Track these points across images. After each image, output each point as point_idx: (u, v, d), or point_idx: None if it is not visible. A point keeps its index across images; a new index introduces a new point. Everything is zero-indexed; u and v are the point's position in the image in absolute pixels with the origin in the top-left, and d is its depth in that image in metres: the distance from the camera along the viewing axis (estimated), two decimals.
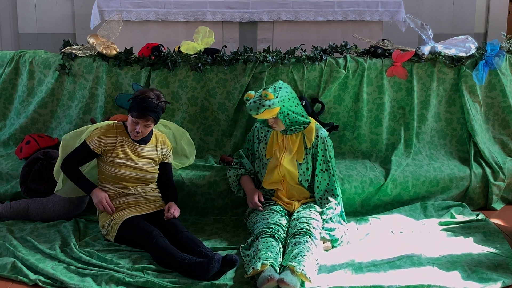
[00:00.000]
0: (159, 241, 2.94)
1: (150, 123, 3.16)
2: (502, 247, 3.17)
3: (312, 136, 3.32)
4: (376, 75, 3.96)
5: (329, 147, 3.34)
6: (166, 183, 3.36)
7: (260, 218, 3.17)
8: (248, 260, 2.90)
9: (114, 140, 3.20)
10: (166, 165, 3.36)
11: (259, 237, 2.98)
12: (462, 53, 4.00)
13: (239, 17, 4.93)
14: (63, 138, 3.31)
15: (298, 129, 3.30)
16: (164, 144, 3.34)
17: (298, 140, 3.33)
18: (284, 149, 3.33)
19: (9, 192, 3.68)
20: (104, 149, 3.18)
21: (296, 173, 3.30)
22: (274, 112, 3.18)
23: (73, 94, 3.93)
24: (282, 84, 3.27)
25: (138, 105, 3.11)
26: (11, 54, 4.04)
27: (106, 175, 3.21)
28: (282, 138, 3.34)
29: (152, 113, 3.13)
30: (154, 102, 3.13)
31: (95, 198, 3.14)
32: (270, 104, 3.15)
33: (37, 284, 2.78)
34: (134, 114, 3.12)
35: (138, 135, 3.17)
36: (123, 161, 3.18)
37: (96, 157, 3.23)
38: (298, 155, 3.32)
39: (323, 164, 3.33)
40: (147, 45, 3.95)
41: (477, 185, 3.83)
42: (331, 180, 3.34)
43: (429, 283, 2.74)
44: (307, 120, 3.32)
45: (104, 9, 4.78)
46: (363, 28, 5.07)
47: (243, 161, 3.47)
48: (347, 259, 3.01)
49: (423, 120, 4.03)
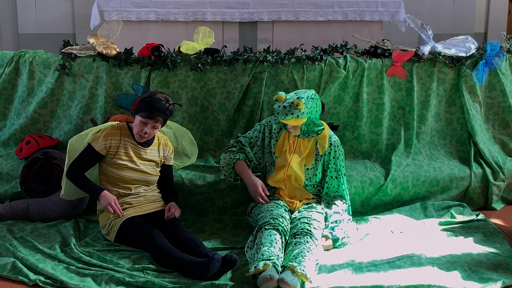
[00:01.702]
0: (159, 241, 2.94)
1: (159, 124, 3.16)
2: (502, 247, 3.17)
3: (325, 144, 3.31)
4: (376, 75, 3.96)
5: (341, 156, 3.35)
6: (167, 185, 3.36)
7: (264, 209, 3.17)
8: (252, 254, 2.90)
9: (118, 141, 3.20)
10: (167, 167, 3.36)
11: (262, 228, 2.98)
12: (462, 53, 4.00)
13: (239, 17, 4.93)
14: (69, 143, 3.30)
15: (312, 134, 3.30)
16: (166, 146, 3.35)
17: (310, 145, 3.32)
18: (294, 150, 3.32)
19: (9, 192, 3.68)
20: (109, 150, 3.17)
21: (302, 177, 3.29)
22: (300, 122, 3.18)
23: (73, 94, 3.93)
24: (314, 95, 3.25)
25: (148, 105, 3.10)
26: (11, 54, 4.03)
27: (107, 176, 3.20)
28: (293, 139, 3.33)
29: (162, 114, 3.12)
30: (164, 104, 3.13)
31: (103, 201, 3.11)
32: (299, 114, 3.14)
33: (37, 284, 2.78)
34: (143, 115, 3.10)
35: (145, 136, 3.15)
36: (126, 163, 3.18)
37: (101, 159, 3.21)
38: (307, 159, 3.31)
39: (333, 171, 3.34)
40: (147, 45, 3.95)
41: (477, 185, 3.83)
42: (340, 187, 3.35)
43: (429, 283, 2.74)
44: (322, 126, 3.32)
45: (104, 9, 4.78)
46: (363, 28, 5.07)
47: (246, 150, 3.39)
48: (347, 259, 3.01)
49: (423, 120, 4.03)
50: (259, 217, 3.14)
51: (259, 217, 3.14)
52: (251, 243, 2.99)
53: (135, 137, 3.22)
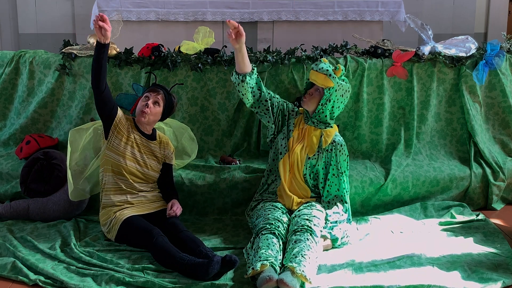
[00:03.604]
0: (159, 240, 2.94)
1: (160, 99, 3.24)
2: (502, 247, 3.17)
3: (329, 139, 3.34)
4: (376, 75, 3.96)
5: (343, 155, 3.37)
6: (167, 184, 3.37)
7: (261, 213, 3.18)
8: (250, 258, 2.91)
9: (128, 128, 3.26)
10: (168, 166, 3.38)
11: (259, 234, 2.99)
12: (462, 53, 4.00)
13: (239, 17, 4.93)
14: (70, 133, 3.33)
15: (319, 125, 3.33)
16: (167, 145, 3.37)
17: (315, 135, 3.35)
18: (301, 138, 3.35)
19: (9, 192, 3.68)
20: (121, 128, 3.21)
21: (301, 166, 3.32)
22: (327, 82, 3.25)
23: (73, 94, 3.93)
24: (348, 82, 3.35)
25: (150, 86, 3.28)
26: (11, 54, 4.04)
27: (111, 164, 3.21)
28: (302, 126, 3.36)
29: (163, 89, 3.27)
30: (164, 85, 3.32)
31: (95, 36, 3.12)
32: (332, 75, 3.23)
33: (37, 284, 2.78)
34: (145, 91, 3.27)
35: (146, 112, 3.20)
36: (130, 150, 3.21)
37: (110, 120, 3.19)
38: (310, 149, 3.33)
39: (335, 169, 3.35)
40: (147, 45, 3.95)
41: (477, 185, 3.83)
42: (341, 186, 3.35)
43: (429, 283, 2.74)
44: (332, 123, 3.38)
45: (104, 9, 4.78)
46: (363, 28, 5.07)
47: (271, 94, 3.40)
48: (347, 259, 3.02)
49: (423, 120, 4.04)
50: (257, 221, 3.15)
51: (256, 222, 3.15)
52: (250, 250, 3.00)
53: (139, 128, 3.28)
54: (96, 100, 3.17)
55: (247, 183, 3.59)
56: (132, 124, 3.30)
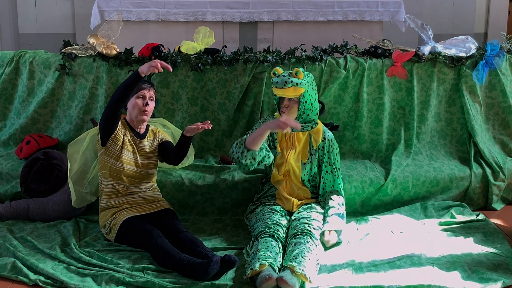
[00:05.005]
0: (159, 241, 2.94)
1: (152, 92, 3.28)
2: (502, 247, 3.17)
3: (319, 138, 3.33)
4: (376, 75, 3.96)
5: (334, 150, 3.36)
6: (175, 148, 3.32)
7: (260, 217, 3.17)
8: (249, 261, 2.90)
9: (123, 130, 3.26)
10: (167, 142, 3.36)
11: (258, 237, 2.99)
12: (462, 53, 4.00)
13: (239, 17, 4.93)
14: (68, 148, 3.35)
15: (306, 127, 3.31)
16: (158, 133, 3.40)
17: (304, 139, 3.34)
18: (291, 146, 3.34)
19: (9, 192, 3.68)
20: (119, 133, 3.21)
21: (299, 172, 3.31)
22: (299, 91, 3.19)
23: (73, 94, 3.93)
24: (309, 74, 3.31)
25: None
26: (11, 54, 4.04)
27: (108, 169, 3.21)
28: (289, 135, 3.34)
29: (148, 83, 3.29)
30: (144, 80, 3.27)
31: (144, 67, 3.07)
32: (298, 82, 3.16)
33: (37, 284, 2.78)
34: (136, 91, 3.22)
35: (147, 110, 3.22)
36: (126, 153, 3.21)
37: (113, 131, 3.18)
38: (303, 154, 3.33)
39: (328, 166, 3.35)
40: (147, 45, 3.95)
41: (477, 185, 3.83)
42: (335, 182, 3.35)
43: (429, 283, 2.74)
44: (316, 121, 3.34)
45: (104, 9, 4.78)
46: (363, 28, 5.07)
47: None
48: (347, 259, 3.01)
49: (423, 120, 4.03)
50: (256, 225, 3.14)
51: (255, 226, 3.14)
52: (249, 251, 2.99)
53: (133, 128, 3.28)
54: (109, 120, 3.14)
55: (247, 183, 3.60)
56: (124, 124, 3.29)
